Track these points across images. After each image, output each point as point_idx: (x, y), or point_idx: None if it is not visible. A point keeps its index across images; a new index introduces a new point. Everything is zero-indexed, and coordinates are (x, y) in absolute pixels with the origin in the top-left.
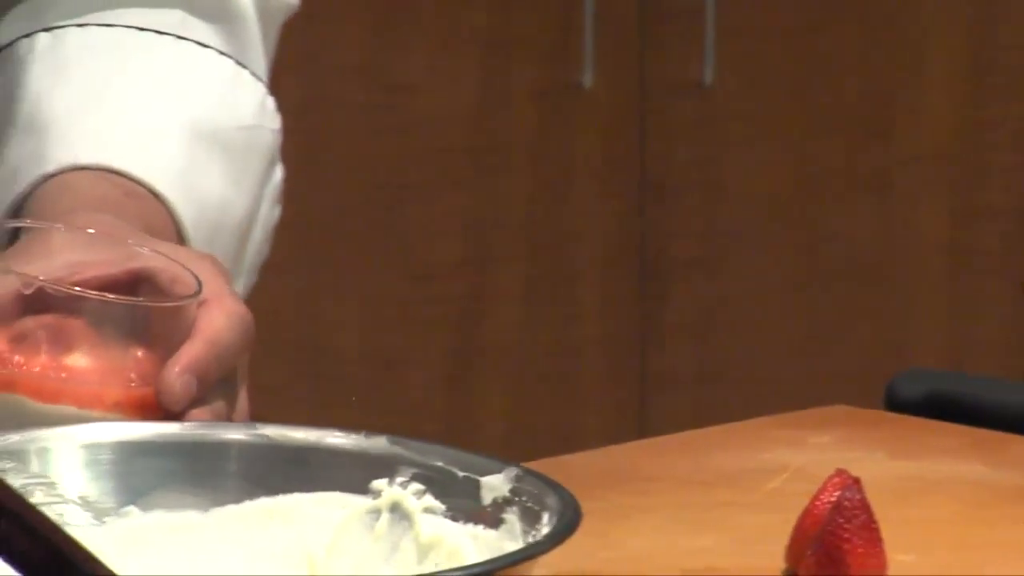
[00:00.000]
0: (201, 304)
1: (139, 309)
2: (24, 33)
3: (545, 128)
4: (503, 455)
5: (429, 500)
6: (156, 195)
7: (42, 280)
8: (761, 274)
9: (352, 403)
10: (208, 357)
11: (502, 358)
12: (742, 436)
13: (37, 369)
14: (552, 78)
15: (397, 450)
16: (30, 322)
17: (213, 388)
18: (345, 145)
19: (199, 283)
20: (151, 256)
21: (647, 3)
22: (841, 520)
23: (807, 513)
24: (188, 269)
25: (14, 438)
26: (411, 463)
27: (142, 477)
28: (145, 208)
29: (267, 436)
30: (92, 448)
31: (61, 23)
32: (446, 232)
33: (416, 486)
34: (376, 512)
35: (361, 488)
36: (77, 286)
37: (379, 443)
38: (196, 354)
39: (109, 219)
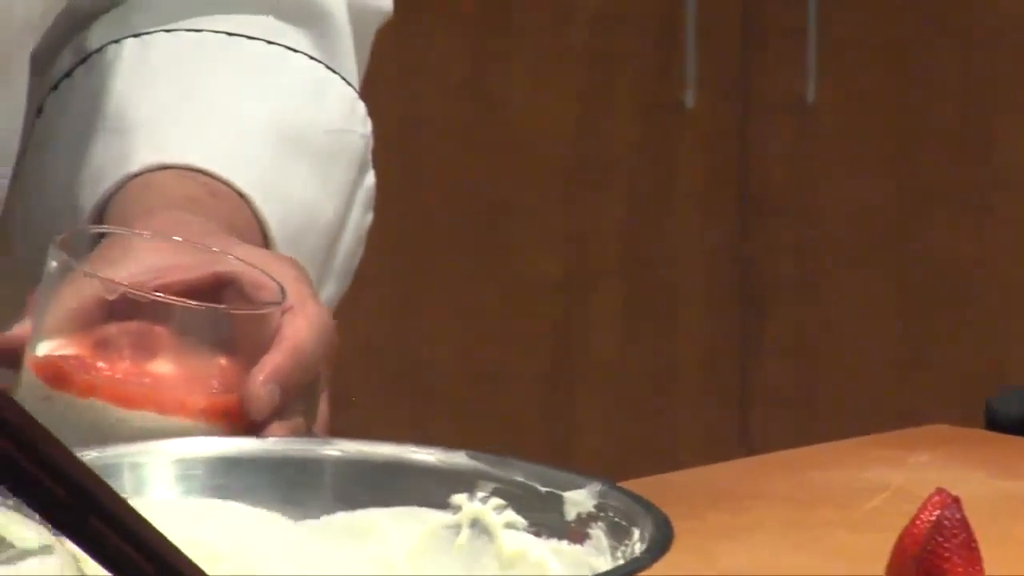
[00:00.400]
0: (284, 311)
1: (223, 316)
2: (112, 39)
3: (646, 146)
4: (601, 472)
5: (510, 515)
6: (241, 195)
7: (125, 286)
8: (861, 292)
9: (444, 421)
10: (292, 366)
11: (601, 375)
12: (842, 455)
13: (119, 375)
14: (654, 96)
15: (477, 465)
16: (113, 328)
17: (295, 397)
18: (446, 160)
19: (283, 290)
20: (234, 261)
21: (750, 21)
22: (941, 539)
23: (907, 532)
24: (271, 276)
25: (107, 452)
26: (492, 478)
27: (228, 492)
28: (229, 208)
29: (348, 451)
30: (181, 463)
31: (149, 29)
32: (546, 248)
33: (497, 501)
34: (456, 527)
35: (441, 503)
36: (159, 291)
37: (459, 458)
38: (281, 363)
39: (193, 218)
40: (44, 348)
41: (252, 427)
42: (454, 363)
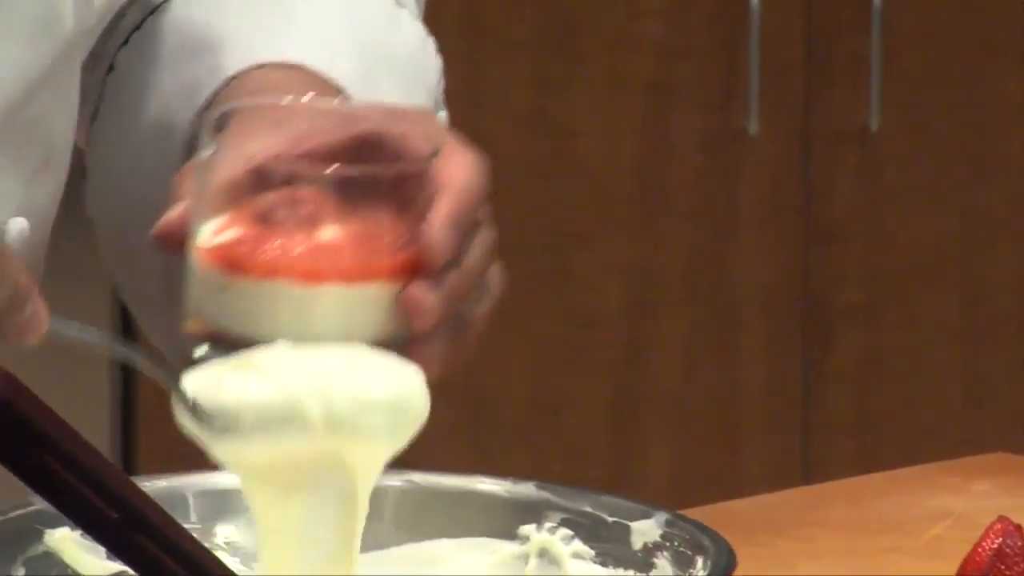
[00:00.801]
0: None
1: (382, 175)
2: None
3: (709, 174)
4: (665, 501)
5: (578, 545)
6: (339, 91)
7: (287, 157)
8: (924, 320)
9: (510, 449)
10: (462, 207)
11: (665, 404)
12: (904, 483)
13: (298, 250)
14: (717, 124)
15: (545, 495)
16: (271, 199)
17: (467, 241)
18: (509, 190)
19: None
20: (374, 117)
21: (813, 48)
22: (1003, 567)
23: (969, 560)
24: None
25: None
26: (559, 508)
27: None
28: (331, 97)
29: (415, 482)
30: (239, 493)
31: None
32: (610, 278)
33: (564, 531)
34: (524, 557)
35: (509, 534)
36: (306, 158)
37: (527, 489)
38: (451, 206)
39: (310, 91)
40: (207, 233)
41: (434, 279)
42: (520, 392)
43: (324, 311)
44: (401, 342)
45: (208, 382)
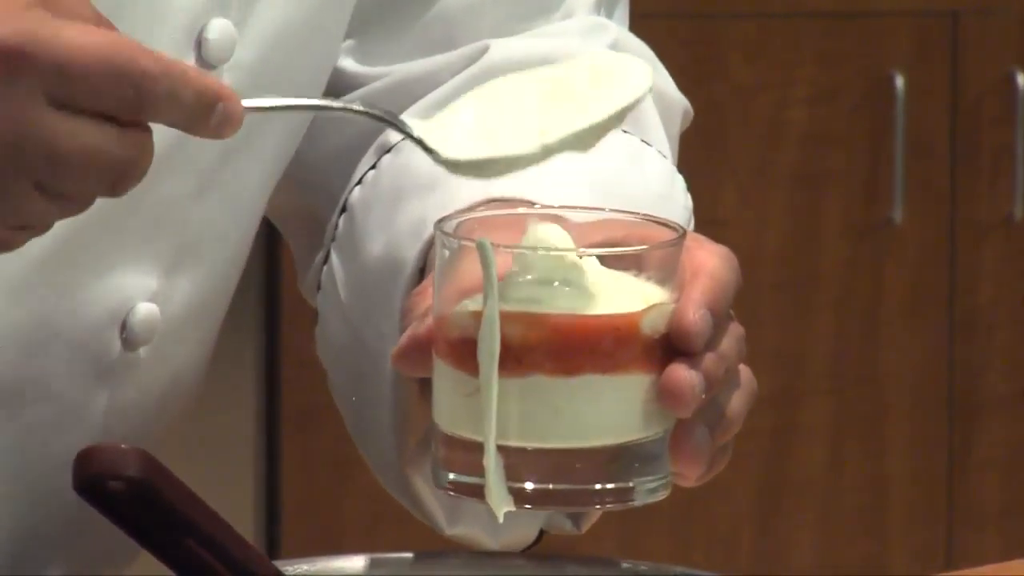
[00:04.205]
0: (685, 251)
1: (632, 254)
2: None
3: (855, 263)
4: None
5: None
6: None
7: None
8: None
9: (655, 535)
10: (716, 292)
11: (810, 493)
12: None
13: (556, 341)
14: (862, 213)
15: None
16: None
17: (720, 330)
18: None
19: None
20: (620, 221)
21: (957, 138)
22: None
23: None
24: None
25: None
26: None
27: None
28: None
29: (563, 568)
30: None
31: None
32: (757, 365)
33: None
34: None
35: None
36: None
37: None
38: (704, 289)
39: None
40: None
41: (688, 360)
42: None
43: (581, 404)
44: (664, 437)
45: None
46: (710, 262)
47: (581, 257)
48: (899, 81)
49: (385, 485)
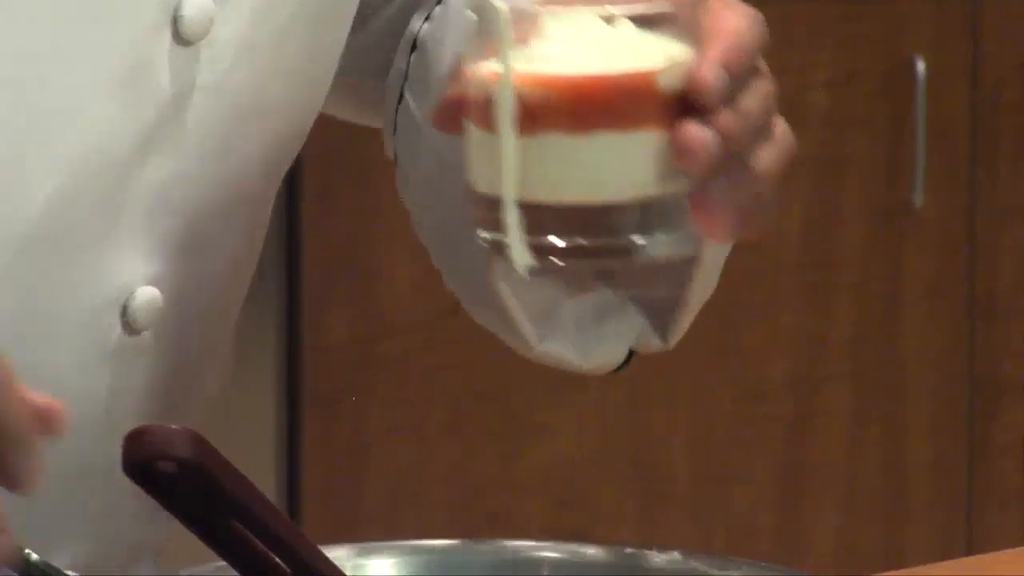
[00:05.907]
0: (706, 10)
1: (650, 16)
2: None
3: (875, 247)
4: (831, 574)
5: None
6: None
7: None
8: None
9: (676, 521)
10: (734, 50)
11: (831, 477)
12: None
13: (569, 96)
14: (883, 197)
15: (714, 572)
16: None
17: (740, 85)
18: None
19: None
20: None
21: (979, 122)
22: None
23: None
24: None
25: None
26: None
27: None
28: None
29: (582, 553)
30: (400, 564)
31: None
32: (776, 350)
33: None
34: None
35: None
36: None
37: (700, 562)
38: (723, 46)
39: None
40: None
41: (704, 116)
42: (686, 464)
43: (596, 160)
44: (683, 196)
45: None
46: (732, 21)
47: (604, 18)
48: (920, 65)
49: (474, 315)
